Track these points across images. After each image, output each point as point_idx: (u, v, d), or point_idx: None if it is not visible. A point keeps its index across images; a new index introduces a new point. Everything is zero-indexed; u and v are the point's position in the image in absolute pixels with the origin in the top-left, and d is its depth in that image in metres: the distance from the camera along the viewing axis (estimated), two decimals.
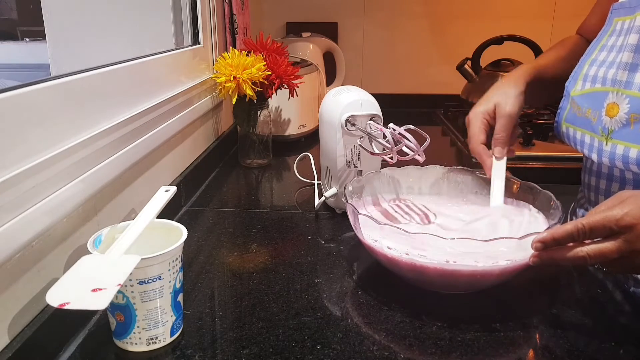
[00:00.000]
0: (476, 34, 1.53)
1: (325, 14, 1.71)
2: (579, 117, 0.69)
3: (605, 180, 0.70)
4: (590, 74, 0.67)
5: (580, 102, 0.68)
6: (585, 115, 0.67)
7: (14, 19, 1.85)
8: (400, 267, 0.59)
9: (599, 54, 0.68)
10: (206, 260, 0.70)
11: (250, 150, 1.11)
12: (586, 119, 0.67)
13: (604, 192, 0.70)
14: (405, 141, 0.69)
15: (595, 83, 0.66)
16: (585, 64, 0.69)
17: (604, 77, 0.64)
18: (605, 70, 0.65)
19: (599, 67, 0.66)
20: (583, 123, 0.68)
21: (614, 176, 0.68)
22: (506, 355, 0.51)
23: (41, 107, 0.51)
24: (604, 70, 0.65)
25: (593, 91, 0.66)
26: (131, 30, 1.01)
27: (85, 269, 0.45)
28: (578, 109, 0.68)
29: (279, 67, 1.04)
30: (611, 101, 0.63)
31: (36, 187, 0.47)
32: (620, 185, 0.68)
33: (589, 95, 0.67)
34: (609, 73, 0.64)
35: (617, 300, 0.62)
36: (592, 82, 0.67)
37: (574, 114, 0.70)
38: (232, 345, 0.52)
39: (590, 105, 0.66)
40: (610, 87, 0.63)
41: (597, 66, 0.67)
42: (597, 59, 0.67)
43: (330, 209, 0.87)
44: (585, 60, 0.70)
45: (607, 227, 0.49)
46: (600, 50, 0.68)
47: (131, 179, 0.70)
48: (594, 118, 0.65)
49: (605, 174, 0.70)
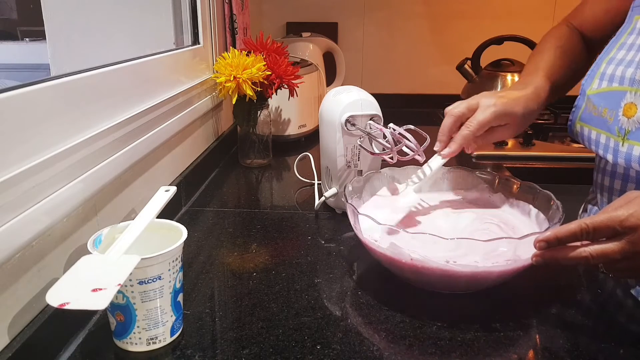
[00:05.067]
0: (476, 34, 1.53)
1: (325, 14, 1.71)
2: (594, 117, 0.67)
3: (621, 180, 0.68)
4: (608, 73, 0.65)
5: (596, 101, 0.66)
6: (601, 114, 0.65)
7: (14, 19, 1.85)
8: (400, 267, 0.59)
9: (617, 52, 0.65)
10: (206, 260, 0.70)
11: (250, 150, 1.11)
12: (602, 119, 0.65)
13: (619, 192, 0.68)
14: (405, 141, 0.69)
15: (612, 82, 0.64)
16: (603, 62, 0.67)
17: (622, 76, 0.63)
18: (624, 69, 0.63)
19: (617, 66, 0.64)
20: (598, 123, 0.66)
21: (629, 177, 0.66)
22: (506, 355, 0.51)
23: (41, 107, 0.51)
24: (622, 69, 0.63)
25: (610, 90, 0.64)
26: (131, 30, 1.01)
27: (85, 269, 0.45)
28: (594, 108, 0.66)
29: (279, 67, 1.04)
30: (629, 101, 0.61)
31: (36, 187, 0.47)
32: (636, 186, 0.66)
33: (605, 94, 0.65)
34: (627, 72, 0.62)
35: (617, 300, 0.62)
36: (609, 81, 0.65)
37: (589, 113, 0.68)
38: (232, 345, 0.52)
39: (607, 104, 0.64)
40: (629, 86, 0.61)
41: (615, 65, 0.65)
42: (616, 57, 0.65)
43: (330, 209, 0.87)
44: (602, 58, 0.68)
45: (611, 228, 0.48)
46: (619, 49, 0.65)
47: (131, 179, 0.70)
48: (610, 118, 0.63)
49: (621, 174, 0.68)
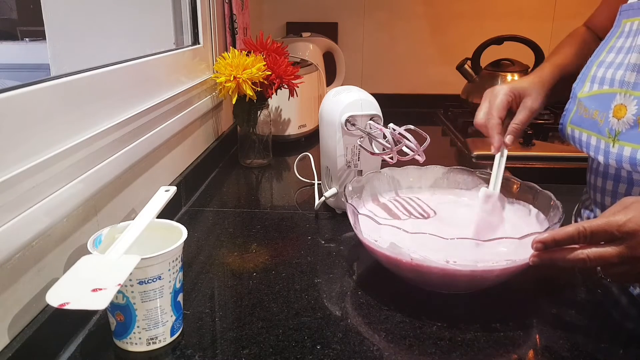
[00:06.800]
0: (476, 34, 1.53)
1: (325, 14, 1.71)
2: (585, 119, 0.68)
3: (612, 181, 0.69)
4: (598, 76, 0.66)
5: (587, 104, 0.67)
6: (592, 117, 0.66)
7: (14, 19, 1.85)
8: (400, 267, 0.59)
9: (607, 55, 0.67)
10: (206, 260, 0.70)
11: (250, 150, 1.11)
12: (593, 121, 0.66)
13: (611, 193, 0.69)
14: (405, 141, 0.69)
15: (603, 84, 0.65)
16: (594, 66, 0.68)
17: (612, 78, 0.64)
18: (614, 71, 0.64)
19: (607, 69, 0.65)
20: (589, 125, 0.67)
21: (621, 177, 0.67)
22: (506, 355, 0.51)
23: (41, 107, 0.51)
24: (612, 72, 0.64)
25: (600, 93, 0.65)
26: (131, 30, 1.01)
27: (85, 269, 0.45)
28: (585, 110, 0.68)
29: (279, 67, 1.04)
30: (619, 103, 0.62)
31: (36, 187, 0.47)
32: (627, 187, 0.67)
33: (596, 97, 0.66)
34: (617, 74, 0.63)
35: (617, 300, 0.62)
36: (599, 84, 0.66)
37: (580, 116, 0.69)
38: (232, 345, 0.52)
39: (598, 106, 0.65)
40: (618, 88, 0.63)
41: (605, 67, 0.66)
42: (605, 60, 0.67)
43: (330, 209, 0.87)
44: (593, 61, 0.69)
45: (608, 232, 0.48)
46: (609, 52, 0.67)
47: (131, 179, 0.70)
48: (600, 120, 0.64)
49: (612, 175, 0.69)
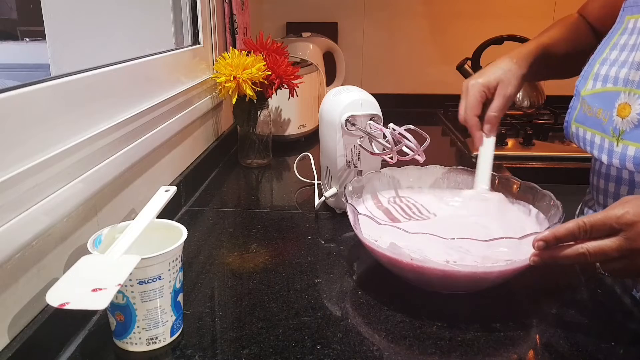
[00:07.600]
0: (476, 34, 1.53)
1: (325, 14, 1.71)
2: (589, 117, 0.67)
3: (614, 183, 0.68)
4: (602, 74, 0.65)
5: (590, 102, 0.66)
6: (595, 115, 0.65)
7: (14, 19, 1.85)
8: (400, 267, 0.59)
9: (610, 52, 0.66)
10: (206, 260, 0.70)
11: (250, 150, 1.11)
12: (597, 119, 0.65)
13: (613, 195, 0.69)
14: (405, 141, 0.69)
15: (606, 83, 0.64)
16: (596, 63, 0.67)
17: (616, 76, 0.63)
18: (617, 69, 0.63)
19: (610, 67, 0.64)
20: (593, 123, 0.66)
21: (622, 179, 0.67)
22: (506, 355, 0.51)
23: (41, 107, 0.51)
24: (616, 70, 0.63)
25: (604, 91, 0.64)
26: (131, 30, 1.01)
27: (85, 269, 0.45)
28: (588, 108, 0.67)
29: (279, 67, 1.04)
30: (623, 101, 0.61)
31: (36, 187, 0.47)
32: (629, 189, 0.66)
33: (599, 95, 0.65)
34: (621, 72, 0.62)
35: (617, 299, 0.62)
36: (603, 82, 0.65)
37: (584, 114, 0.68)
38: (232, 345, 0.52)
39: (601, 105, 0.64)
40: (622, 87, 0.62)
41: (608, 65, 0.65)
42: (609, 58, 0.65)
43: (330, 209, 0.87)
44: (595, 58, 0.68)
45: (607, 225, 0.49)
46: (612, 49, 0.66)
47: (131, 179, 0.70)
48: (604, 118, 0.64)
49: (614, 177, 0.68)
